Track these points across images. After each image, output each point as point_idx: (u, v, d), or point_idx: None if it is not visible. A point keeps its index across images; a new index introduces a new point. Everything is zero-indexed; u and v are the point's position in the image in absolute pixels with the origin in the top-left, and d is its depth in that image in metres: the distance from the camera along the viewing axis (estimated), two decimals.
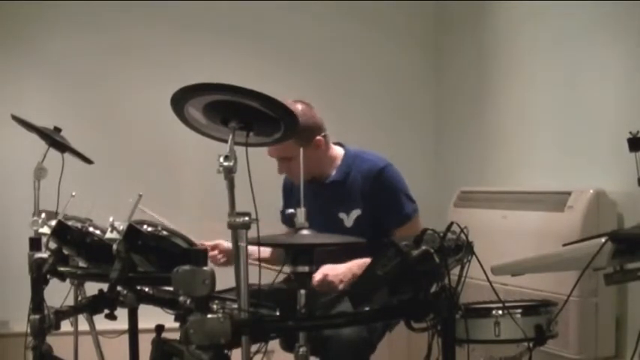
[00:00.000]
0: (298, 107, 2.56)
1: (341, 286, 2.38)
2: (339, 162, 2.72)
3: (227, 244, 2.65)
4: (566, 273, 2.40)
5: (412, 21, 4.46)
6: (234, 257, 1.83)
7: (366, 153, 2.74)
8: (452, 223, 1.89)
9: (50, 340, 2.41)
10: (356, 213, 2.63)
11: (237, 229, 1.81)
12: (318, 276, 2.34)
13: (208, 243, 2.67)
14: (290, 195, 2.84)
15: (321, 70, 4.28)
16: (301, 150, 2.09)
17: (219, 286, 1.79)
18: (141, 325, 2.60)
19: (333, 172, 2.70)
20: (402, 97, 4.39)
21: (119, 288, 2.23)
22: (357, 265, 2.42)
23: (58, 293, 2.62)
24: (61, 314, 2.42)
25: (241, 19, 4.24)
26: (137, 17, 4.11)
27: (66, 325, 2.54)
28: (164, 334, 2.33)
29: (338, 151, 2.75)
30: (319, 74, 4.27)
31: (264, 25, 4.27)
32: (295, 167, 2.45)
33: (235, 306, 1.82)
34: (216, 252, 2.67)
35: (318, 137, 2.65)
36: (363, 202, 2.63)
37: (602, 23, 3.01)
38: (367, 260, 2.31)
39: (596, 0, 3.02)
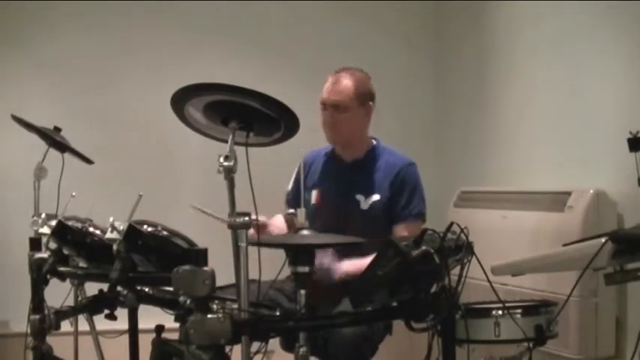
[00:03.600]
0: (359, 73, 2.74)
1: (335, 276, 2.41)
2: (368, 147, 2.77)
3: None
4: (566, 273, 2.40)
5: (412, 21, 4.46)
6: (233, 257, 1.83)
7: (396, 150, 2.81)
8: (452, 224, 1.89)
9: (50, 340, 2.41)
10: (374, 198, 2.67)
11: (237, 229, 1.81)
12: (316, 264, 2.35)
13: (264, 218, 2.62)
14: (307, 175, 2.84)
15: (321, 70, 4.25)
16: (301, 164, 2.10)
17: (219, 284, 1.79)
18: (141, 325, 2.60)
19: (360, 155, 2.74)
20: (401, 96, 4.39)
21: (119, 288, 2.23)
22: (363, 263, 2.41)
23: (58, 293, 2.62)
24: (61, 314, 2.42)
25: (241, 19, 4.24)
26: (137, 17, 4.11)
27: (66, 326, 2.54)
28: (164, 334, 2.33)
29: (370, 140, 2.81)
30: (319, 74, 4.24)
31: (264, 26, 4.27)
32: (340, 123, 2.65)
33: (235, 306, 1.83)
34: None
35: (371, 103, 2.74)
36: (383, 191, 2.67)
37: (602, 23, 3.01)
38: None
39: (597, 0, 3.02)
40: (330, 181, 2.73)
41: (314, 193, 2.72)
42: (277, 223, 2.72)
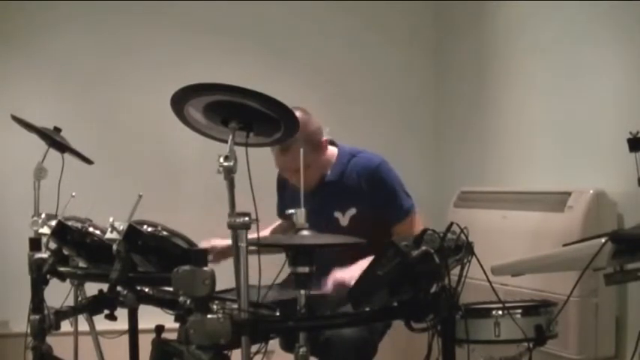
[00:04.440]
0: (301, 115, 2.50)
1: (352, 282, 2.34)
2: (333, 161, 2.72)
3: (221, 245, 2.65)
4: (566, 273, 2.39)
5: (412, 21, 4.46)
6: (233, 258, 1.83)
7: (360, 151, 2.75)
8: (452, 224, 1.89)
9: (50, 340, 2.41)
10: (351, 212, 2.63)
11: (237, 229, 1.81)
12: (329, 281, 2.32)
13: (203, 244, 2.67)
14: (284, 191, 2.83)
15: (321, 70, 4.28)
16: (301, 150, 2.09)
17: (219, 287, 1.80)
18: (141, 325, 2.60)
19: (328, 172, 2.70)
20: (401, 97, 4.39)
21: (119, 288, 2.23)
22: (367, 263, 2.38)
23: (58, 293, 2.62)
24: (61, 314, 2.42)
25: (241, 19, 4.24)
26: (137, 17, 4.11)
27: (66, 326, 2.54)
28: (164, 335, 2.33)
29: (332, 151, 2.75)
30: (319, 75, 4.27)
31: (264, 26, 4.27)
32: (311, 175, 2.54)
33: (235, 306, 1.82)
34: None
35: (324, 139, 2.67)
36: (358, 201, 2.62)
37: (602, 23, 3.01)
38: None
39: (597, 0, 3.02)
40: (306, 203, 2.67)
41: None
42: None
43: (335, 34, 4.34)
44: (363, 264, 2.34)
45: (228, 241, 1.85)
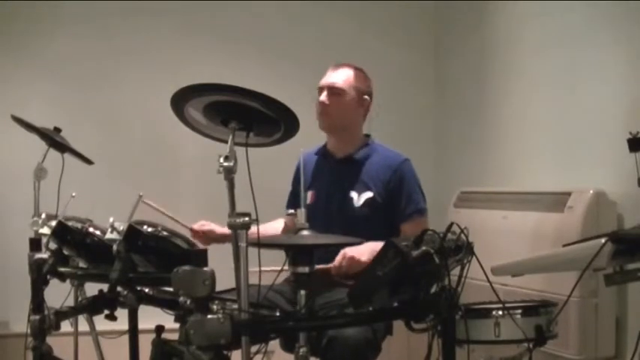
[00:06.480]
0: (360, 70, 2.76)
1: (363, 258, 2.32)
2: (361, 143, 2.75)
3: (220, 231, 2.66)
4: (566, 273, 2.40)
5: (412, 21, 4.47)
6: (233, 258, 1.83)
7: (389, 147, 2.80)
8: (452, 224, 1.89)
9: (50, 340, 2.41)
10: (367, 195, 2.65)
11: (237, 229, 1.81)
12: (338, 257, 2.33)
13: (197, 227, 2.69)
14: (300, 176, 2.84)
15: (321, 70, 4.26)
16: (301, 159, 2.10)
17: (219, 287, 1.80)
18: (141, 325, 2.60)
19: (352, 150, 2.73)
20: (401, 97, 4.39)
21: (119, 288, 2.23)
22: (377, 244, 2.38)
23: (58, 294, 2.62)
24: (61, 315, 2.41)
25: (241, 20, 4.24)
26: (137, 18, 4.11)
27: (66, 326, 2.54)
28: (164, 335, 2.33)
29: (363, 136, 2.80)
30: (319, 75, 4.25)
31: (264, 26, 4.27)
32: (332, 106, 2.65)
33: (235, 306, 1.82)
34: (200, 233, 2.69)
35: (366, 97, 2.74)
36: (377, 188, 2.65)
37: (602, 23, 3.01)
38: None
39: (597, 0, 3.02)
40: (323, 180, 2.73)
41: (309, 194, 2.71)
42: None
43: (335, 35, 4.34)
44: (372, 245, 2.31)
45: (226, 229, 1.86)
